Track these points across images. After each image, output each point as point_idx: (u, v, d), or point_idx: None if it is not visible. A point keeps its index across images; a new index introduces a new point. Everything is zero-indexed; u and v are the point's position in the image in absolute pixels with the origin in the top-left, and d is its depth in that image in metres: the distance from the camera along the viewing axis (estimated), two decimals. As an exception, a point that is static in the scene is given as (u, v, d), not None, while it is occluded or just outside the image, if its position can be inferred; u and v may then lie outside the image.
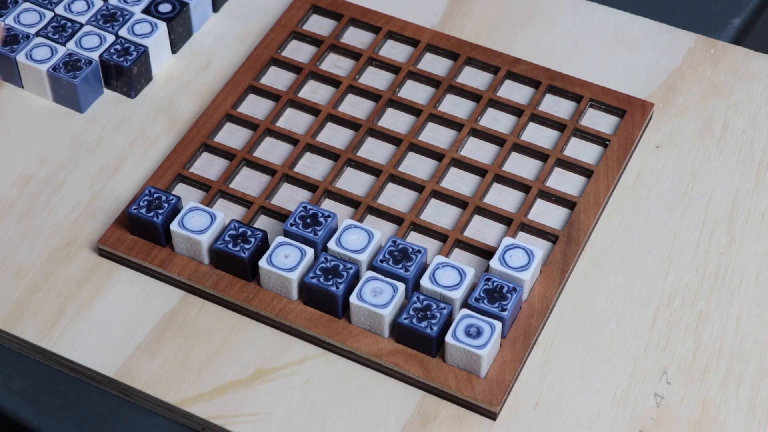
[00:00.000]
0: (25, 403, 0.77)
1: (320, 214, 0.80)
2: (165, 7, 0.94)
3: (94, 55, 0.91)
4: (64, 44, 0.92)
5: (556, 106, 0.91)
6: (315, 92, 0.92)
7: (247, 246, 0.78)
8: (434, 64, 0.94)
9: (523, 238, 0.83)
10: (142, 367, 0.77)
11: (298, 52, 0.95)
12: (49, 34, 0.92)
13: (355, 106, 0.91)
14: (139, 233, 0.82)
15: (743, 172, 0.87)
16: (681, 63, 0.94)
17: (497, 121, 0.90)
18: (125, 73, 0.91)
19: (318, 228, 0.79)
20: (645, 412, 0.75)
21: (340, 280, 0.77)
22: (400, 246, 0.79)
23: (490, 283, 0.77)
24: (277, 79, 0.93)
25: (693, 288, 0.81)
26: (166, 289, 0.81)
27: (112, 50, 0.91)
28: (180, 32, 0.95)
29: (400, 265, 0.78)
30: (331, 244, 0.79)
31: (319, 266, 0.77)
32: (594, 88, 0.91)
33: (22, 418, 0.77)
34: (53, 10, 0.94)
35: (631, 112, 0.89)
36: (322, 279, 0.77)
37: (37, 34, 0.92)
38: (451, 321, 0.76)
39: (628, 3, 1.00)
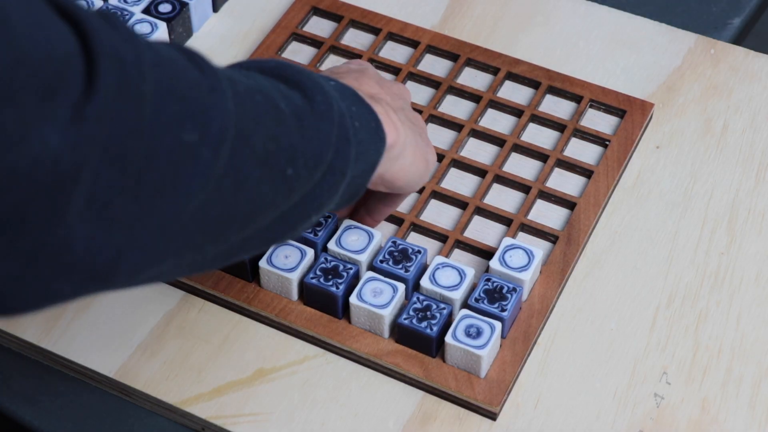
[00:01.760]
0: (25, 403, 0.78)
1: (320, 215, 0.80)
2: (165, 7, 0.94)
3: (95, 56, 0.91)
4: (64, 45, 0.92)
5: (556, 107, 0.91)
6: (315, 93, 0.92)
7: (247, 246, 0.78)
8: (434, 65, 0.94)
9: (523, 239, 0.83)
10: (142, 367, 0.77)
11: (299, 53, 0.95)
12: (50, 35, 0.92)
13: (355, 107, 0.91)
14: (139, 233, 0.82)
15: (743, 172, 0.87)
16: (681, 63, 0.94)
17: (497, 121, 0.90)
18: (125, 73, 0.91)
19: (318, 228, 0.79)
20: (645, 412, 0.75)
21: (340, 281, 0.77)
22: (400, 246, 0.79)
23: (490, 284, 0.77)
24: (277, 79, 0.93)
25: (693, 288, 0.81)
26: (166, 289, 0.81)
27: (112, 51, 0.91)
28: (180, 32, 0.95)
29: (400, 266, 0.78)
30: (331, 245, 0.79)
31: (319, 266, 0.77)
32: (594, 88, 0.91)
33: (22, 418, 0.77)
34: (53, 11, 0.94)
35: (631, 112, 0.89)
36: (322, 279, 0.77)
37: (38, 35, 0.92)
38: (451, 321, 0.76)
39: (628, 3, 1.00)
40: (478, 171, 0.86)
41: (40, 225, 0.48)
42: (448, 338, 0.74)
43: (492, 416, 0.75)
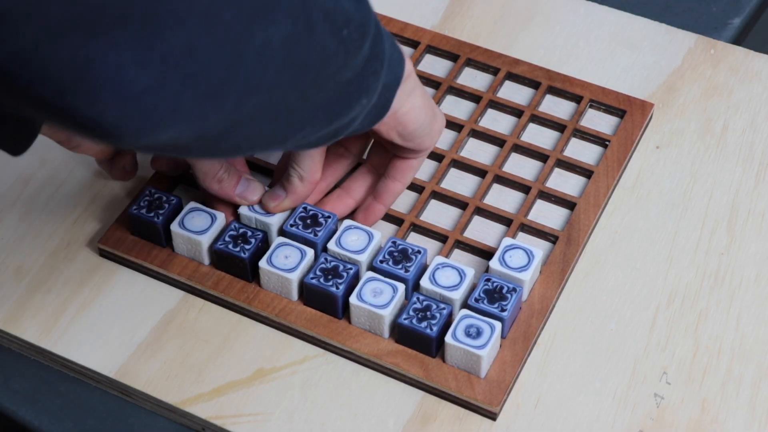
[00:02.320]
0: (25, 403, 0.78)
1: (320, 215, 0.80)
2: (165, 8, 0.94)
3: (95, 56, 0.91)
4: (64, 45, 0.92)
5: (556, 107, 0.91)
6: (315, 93, 0.92)
7: (247, 246, 0.78)
8: (434, 65, 0.94)
9: (523, 239, 0.83)
10: (142, 367, 0.77)
11: (298, 52, 0.95)
12: (50, 35, 0.92)
13: (355, 107, 0.91)
14: (140, 233, 0.82)
15: (743, 172, 0.87)
16: (681, 63, 0.94)
17: (497, 121, 0.90)
18: (125, 73, 0.91)
19: (318, 228, 0.79)
20: (645, 412, 0.75)
21: (340, 281, 0.77)
22: (400, 246, 0.79)
23: (489, 284, 0.77)
24: (277, 79, 0.93)
25: (693, 288, 0.81)
26: (166, 289, 0.81)
27: (112, 51, 0.91)
28: (180, 33, 0.95)
29: (400, 266, 0.78)
30: (331, 245, 0.79)
31: (319, 267, 0.77)
32: (594, 88, 0.91)
33: (22, 418, 0.77)
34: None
35: (631, 112, 0.89)
36: (322, 279, 0.77)
37: (38, 35, 0.92)
38: (451, 321, 0.76)
39: (628, 3, 1.00)
40: (478, 171, 0.86)
41: (170, 25, 0.52)
42: (448, 338, 0.74)
43: (492, 416, 0.75)
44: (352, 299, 0.76)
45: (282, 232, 0.80)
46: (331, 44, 0.63)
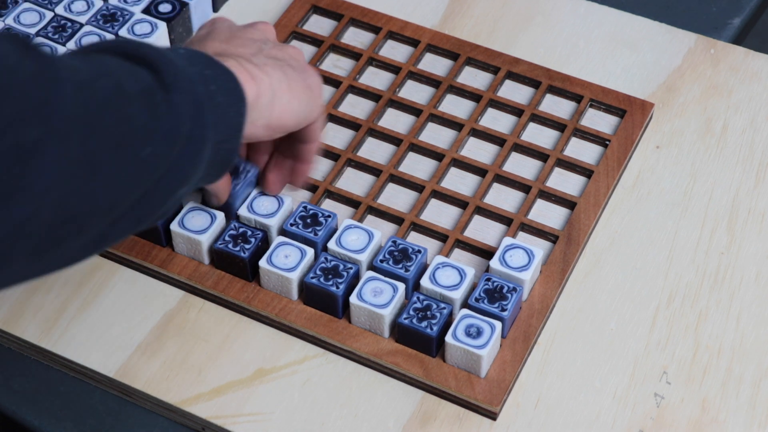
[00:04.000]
0: (25, 403, 0.78)
1: (320, 214, 0.80)
2: (165, 7, 0.94)
3: (94, 55, 0.91)
4: (64, 44, 0.92)
5: (556, 106, 0.91)
6: (315, 92, 0.92)
7: (247, 246, 0.78)
8: (434, 64, 0.94)
9: (523, 238, 0.83)
10: (142, 367, 0.77)
11: (298, 52, 0.95)
12: (49, 34, 0.92)
13: (355, 106, 0.91)
14: (139, 233, 0.82)
15: (743, 172, 0.87)
16: (681, 63, 0.94)
17: (497, 121, 0.90)
18: (125, 73, 0.91)
19: (318, 228, 0.79)
20: (645, 412, 0.75)
21: (340, 280, 0.77)
22: (400, 246, 0.79)
23: (490, 283, 0.77)
24: (277, 79, 0.93)
25: (693, 288, 0.81)
26: (166, 289, 0.81)
27: (112, 50, 0.91)
28: (180, 32, 0.95)
29: (400, 265, 0.78)
30: (331, 244, 0.79)
31: (319, 266, 0.77)
32: (594, 88, 0.91)
33: (22, 418, 0.77)
34: (53, 10, 0.94)
35: (631, 112, 0.89)
36: (322, 279, 0.77)
37: (37, 34, 0.92)
38: (451, 321, 0.76)
39: (628, 3, 1.00)
40: (479, 170, 0.86)
41: None
42: (449, 338, 0.74)
43: (492, 416, 0.75)
44: (353, 299, 0.76)
45: (282, 232, 0.80)
46: (126, 173, 0.59)
